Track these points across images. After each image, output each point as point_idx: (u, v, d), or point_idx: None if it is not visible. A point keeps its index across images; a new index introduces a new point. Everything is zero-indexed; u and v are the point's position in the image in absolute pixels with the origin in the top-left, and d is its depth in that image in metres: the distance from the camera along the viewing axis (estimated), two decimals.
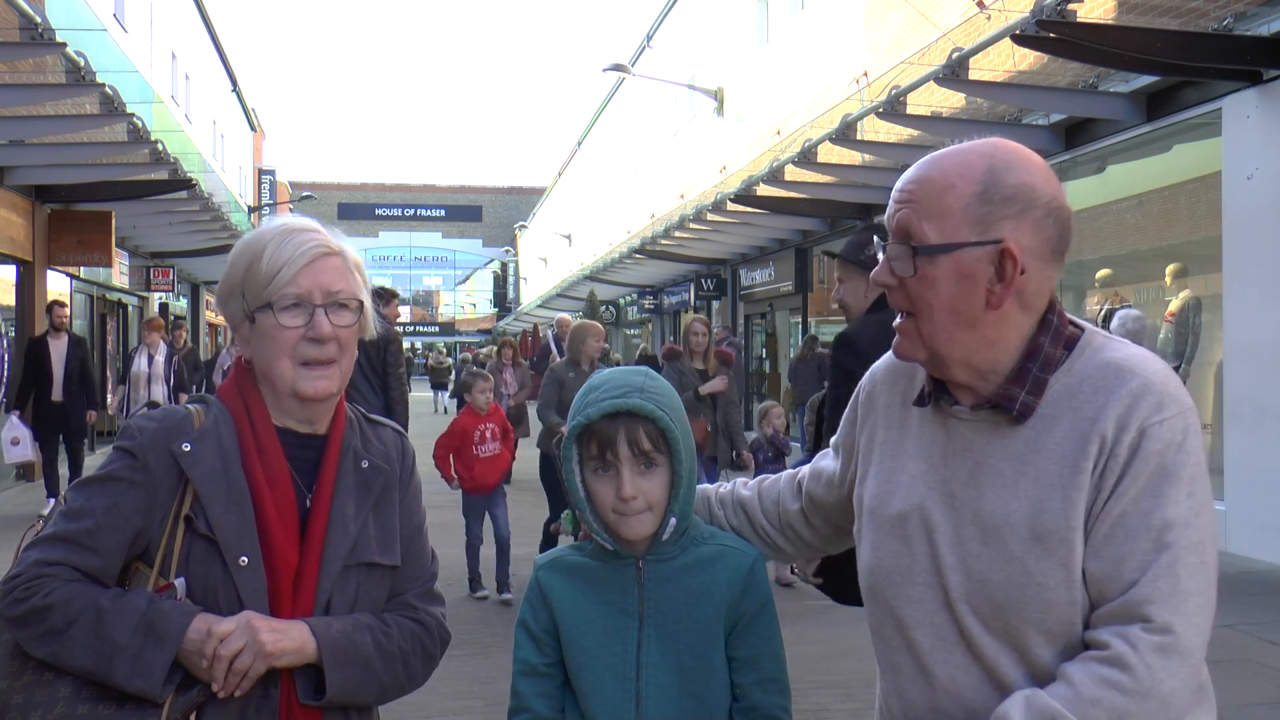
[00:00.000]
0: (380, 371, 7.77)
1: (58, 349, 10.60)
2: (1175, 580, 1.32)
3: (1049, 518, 1.37)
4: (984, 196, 1.42)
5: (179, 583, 1.63)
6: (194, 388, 13.66)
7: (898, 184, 1.51)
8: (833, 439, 1.81)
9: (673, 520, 1.71)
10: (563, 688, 1.76)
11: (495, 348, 13.67)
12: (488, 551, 7.22)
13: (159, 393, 11.70)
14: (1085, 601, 1.37)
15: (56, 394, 10.50)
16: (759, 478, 1.95)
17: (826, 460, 1.81)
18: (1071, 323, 1.49)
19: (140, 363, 11.99)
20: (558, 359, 13.67)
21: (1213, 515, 1.39)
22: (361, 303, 1.74)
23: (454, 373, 32.21)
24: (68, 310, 11.46)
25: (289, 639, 1.61)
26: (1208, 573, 1.35)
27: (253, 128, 40.78)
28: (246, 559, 1.63)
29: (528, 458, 9.22)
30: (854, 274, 3.72)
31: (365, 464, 1.77)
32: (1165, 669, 1.30)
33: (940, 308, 1.43)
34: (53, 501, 10.38)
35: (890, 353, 1.69)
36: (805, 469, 1.87)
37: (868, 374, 1.73)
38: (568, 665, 1.75)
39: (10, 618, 1.59)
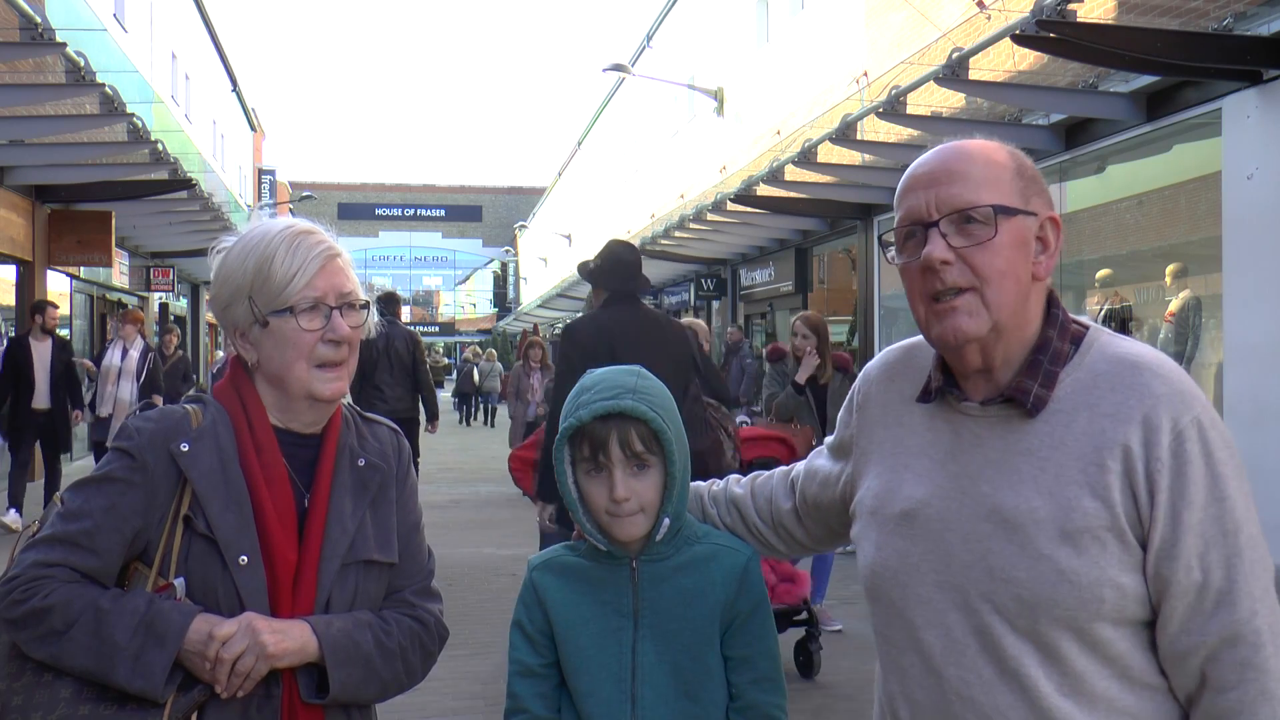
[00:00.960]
0: (413, 370, 8.52)
1: (41, 352, 9.75)
2: (1259, 579, 1.35)
3: (1080, 516, 1.37)
4: (1019, 172, 1.48)
5: (178, 583, 1.63)
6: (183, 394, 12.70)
7: (925, 167, 1.49)
8: (827, 439, 1.80)
9: (666, 521, 1.71)
10: (559, 688, 1.76)
11: (523, 347, 12.02)
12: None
13: (126, 390, 10.51)
14: (1134, 598, 1.37)
15: (40, 401, 9.71)
16: (752, 475, 1.94)
17: (821, 459, 1.79)
18: (1075, 320, 1.51)
19: (112, 356, 10.74)
20: None
21: (1252, 496, 1.41)
22: (368, 302, 1.76)
23: (454, 372, 32.18)
24: (59, 311, 10.72)
25: (290, 639, 1.61)
26: (1269, 558, 1.39)
27: (253, 128, 40.77)
28: (246, 558, 1.63)
29: None
30: (594, 287, 4.75)
31: (362, 462, 1.78)
32: None
33: (1008, 273, 1.43)
34: (13, 512, 9.68)
35: (890, 352, 1.69)
36: (799, 466, 1.85)
37: (861, 374, 1.72)
38: (563, 666, 1.75)
39: (9, 620, 1.59)
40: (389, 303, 9.01)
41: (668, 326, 4.62)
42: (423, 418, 8.97)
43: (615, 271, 4.49)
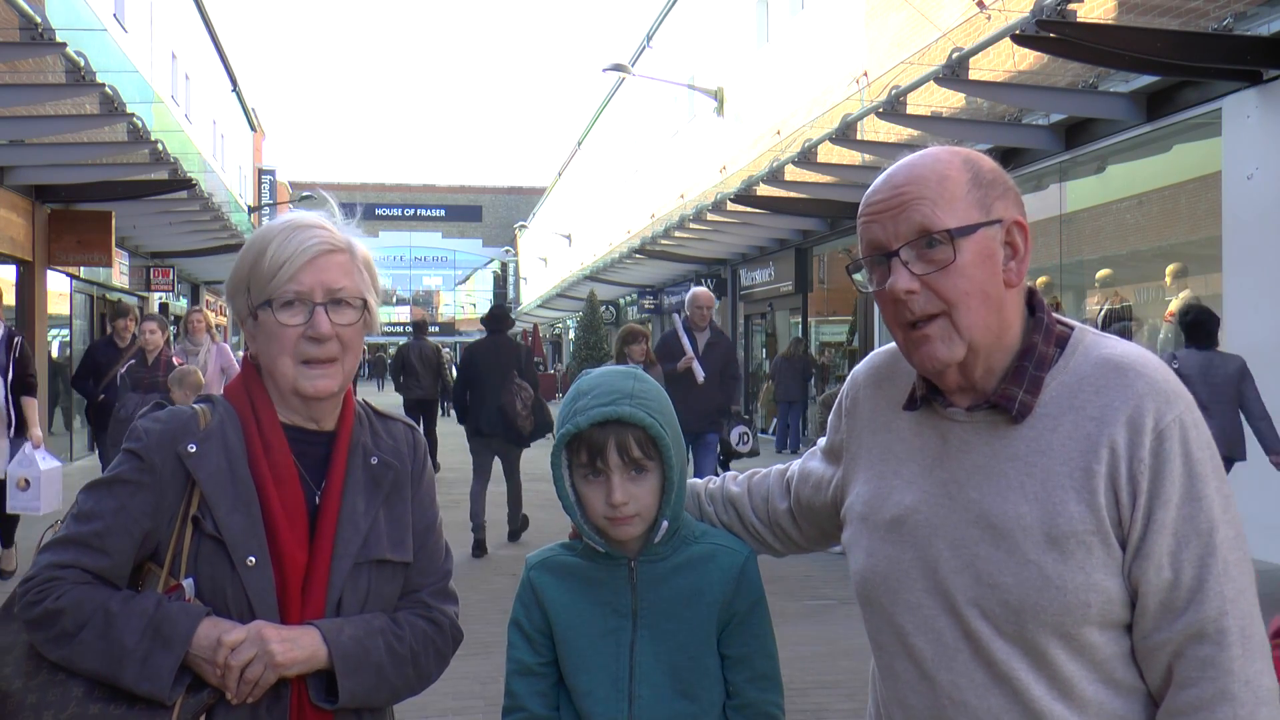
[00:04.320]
0: (436, 368, 14.29)
1: None
2: (1232, 580, 1.34)
3: (1065, 521, 1.37)
4: (975, 181, 1.44)
5: (187, 583, 1.63)
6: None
7: (879, 195, 1.46)
8: (820, 443, 1.79)
9: (664, 524, 1.70)
10: (557, 686, 1.76)
11: (624, 343, 8.82)
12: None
13: None
14: (1119, 601, 1.37)
15: None
16: (749, 473, 1.94)
17: (815, 462, 1.79)
18: (1060, 322, 1.50)
19: None
20: (692, 358, 8.61)
21: (1233, 498, 1.40)
22: (365, 300, 1.72)
23: (453, 369, 32.20)
24: None
25: (299, 648, 1.61)
26: (1248, 561, 1.38)
27: (253, 128, 40.78)
28: (254, 559, 1.63)
29: None
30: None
31: (374, 460, 1.76)
32: (1259, 671, 1.33)
33: (974, 292, 1.41)
34: None
35: (877, 355, 1.68)
36: (795, 466, 1.85)
37: (849, 379, 1.71)
38: (561, 665, 1.75)
39: (25, 621, 1.60)
40: (420, 328, 15.12)
41: (507, 343, 9.12)
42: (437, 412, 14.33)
43: (488, 320, 9.39)
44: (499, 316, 9.26)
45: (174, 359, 8.26)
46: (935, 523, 1.47)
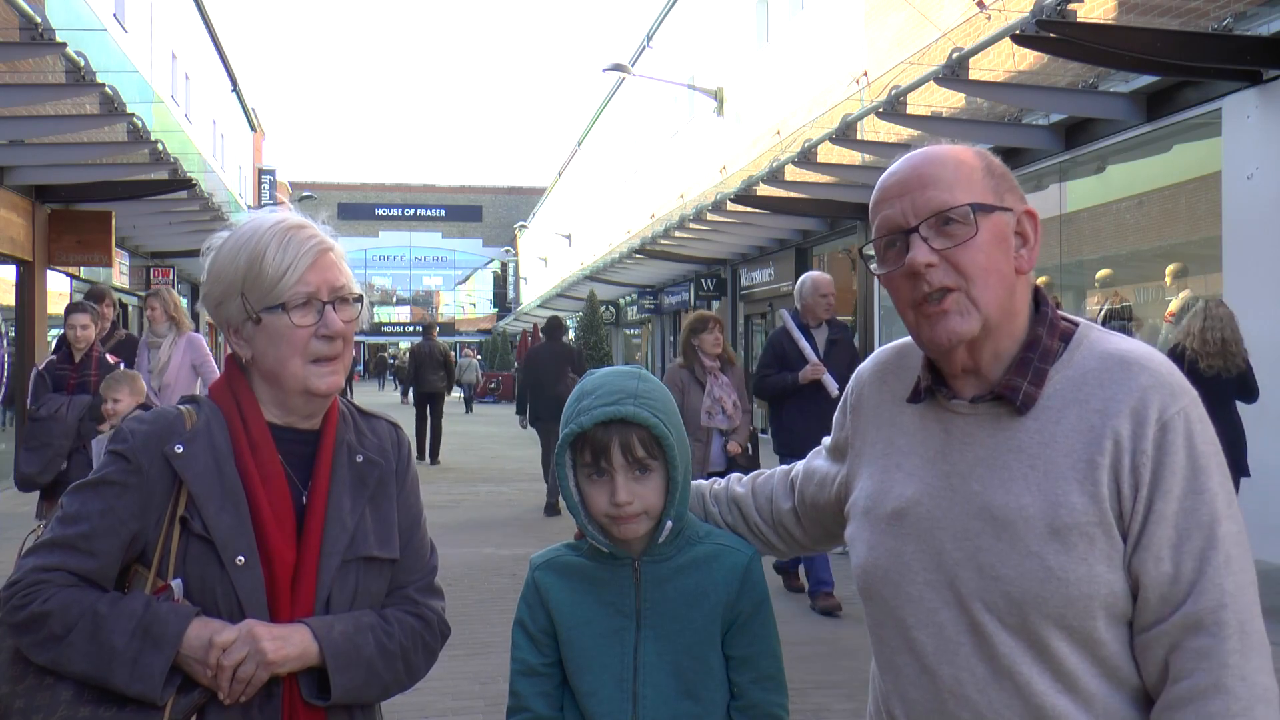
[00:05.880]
0: (444, 364, 16.13)
1: None
2: (1233, 574, 1.34)
3: (1068, 513, 1.37)
4: (989, 171, 1.48)
5: (176, 584, 1.63)
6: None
7: (896, 175, 1.49)
8: (825, 440, 1.80)
9: (668, 524, 1.70)
10: (561, 687, 1.76)
11: (693, 332, 7.36)
12: None
13: None
14: (1122, 593, 1.36)
15: None
16: (753, 473, 1.94)
17: (819, 460, 1.80)
18: (1064, 318, 1.51)
19: None
20: (821, 368, 6.62)
21: (1234, 493, 1.40)
22: (361, 296, 1.75)
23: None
24: None
25: (291, 646, 1.61)
26: (1249, 556, 1.38)
27: (253, 128, 40.76)
28: (243, 558, 1.63)
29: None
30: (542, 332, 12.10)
31: (359, 458, 1.77)
32: (1257, 668, 1.32)
33: (991, 269, 1.44)
34: None
35: (883, 352, 1.68)
36: (799, 466, 1.85)
37: (854, 376, 1.72)
38: (565, 665, 1.75)
39: (11, 625, 1.59)
40: (429, 330, 17.22)
41: (561, 346, 11.71)
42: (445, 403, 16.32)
43: (546, 329, 11.77)
44: (555, 326, 11.97)
45: (108, 356, 7.04)
46: (937, 515, 1.47)
